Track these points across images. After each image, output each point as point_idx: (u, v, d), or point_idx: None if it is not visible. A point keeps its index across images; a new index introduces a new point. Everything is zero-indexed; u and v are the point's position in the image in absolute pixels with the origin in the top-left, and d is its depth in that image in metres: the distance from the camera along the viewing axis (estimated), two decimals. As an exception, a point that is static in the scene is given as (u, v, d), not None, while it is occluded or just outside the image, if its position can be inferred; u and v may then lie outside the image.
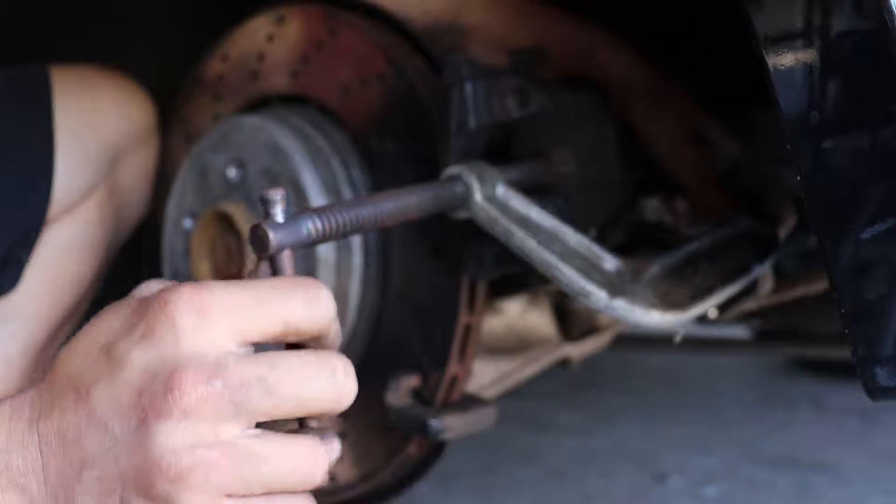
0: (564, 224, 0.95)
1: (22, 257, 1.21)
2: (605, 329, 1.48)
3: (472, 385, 1.20)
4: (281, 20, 1.19)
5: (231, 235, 1.12)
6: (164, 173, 1.33)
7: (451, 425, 1.07)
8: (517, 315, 1.37)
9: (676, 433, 2.42)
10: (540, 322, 1.39)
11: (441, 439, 1.08)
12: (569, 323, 1.44)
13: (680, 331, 1.39)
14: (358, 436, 1.14)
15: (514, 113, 0.99)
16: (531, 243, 0.94)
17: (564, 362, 1.44)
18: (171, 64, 1.34)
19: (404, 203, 0.84)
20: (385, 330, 1.12)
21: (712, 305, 0.99)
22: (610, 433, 2.43)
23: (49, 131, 1.21)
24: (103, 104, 1.28)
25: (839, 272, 0.76)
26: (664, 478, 2.11)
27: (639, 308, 0.92)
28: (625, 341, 1.64)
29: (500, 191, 0.95)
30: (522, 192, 0.97)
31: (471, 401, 1.12)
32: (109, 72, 1.31)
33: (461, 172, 0.95)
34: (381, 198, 0.82)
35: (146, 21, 1.43)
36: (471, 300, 1.07)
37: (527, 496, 2.02)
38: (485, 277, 1.04)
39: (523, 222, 0.95)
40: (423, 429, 1.06)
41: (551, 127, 1.05)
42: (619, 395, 2.76)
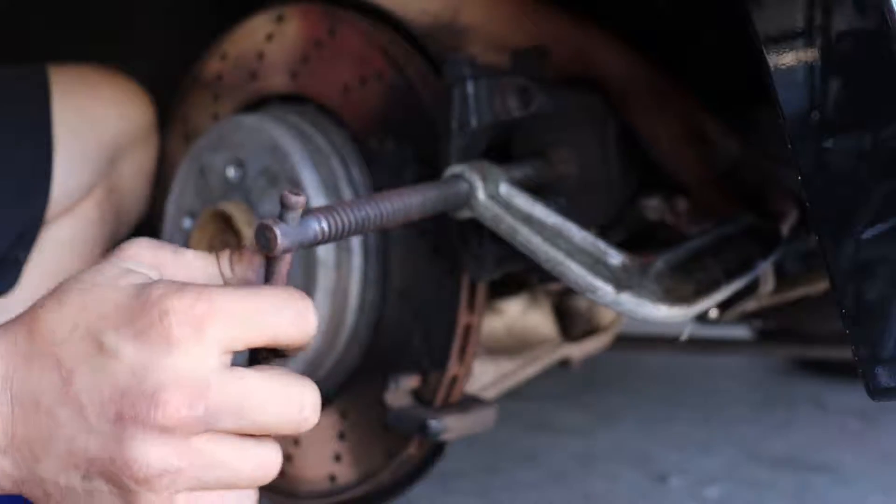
0: (568, 220, 0.95)
1: (21, 257, 1.20)
2: (606, 329, 1.48)
3: (473, 385, 1.20)
4: (280, 19, 1.18)
5: (230, 235, 1.12)
6: (163, 173, 1.33)
7: (451, 426, 1.06)
8: (517, 315, 1.37)
9: (677, 433, 2.42)
10: (540, 322, 1.39)
11: (441, 440, 1.08)
12: (569, 323, 1.44)
13: (686, 329, 1.39)
14: (358, 436, 1.14)
15: (516, 112, 0.99)
16: (536, 240, 0.93)
17: (565, 363, 1.44)
18: (171, 64, 1.34)
19: (409, 203, 0.83)
20: (385, 330, 1.11)
21: (718, 300, 0.98)
22: (610, 433, 2.43)
23: (48, 131, 1.21)
24: (102, 104, 1.28)
25: (840, 272, 0.76)
26: (665, 478, 2.11)
27: (646, 302, 0.92)
28: (625, 341, 1.64)
29: (504, 189, 0.95)
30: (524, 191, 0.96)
31: (471, 401, 1.12)
32: (108, 71, 1.31)
33: (464, 171, 0.95)
34: (386, 198, 0.81)
35: (146, 21, 1.43)
36: (471, 300, 1.06)
37: (527, 497, 2.02)
38: (485, 278, 1.03)
39: (527, 220, 0.94)
40: (423, 429, 1.06)
41: (552, 127, 1.04)
42: (620, 396, 2.76)
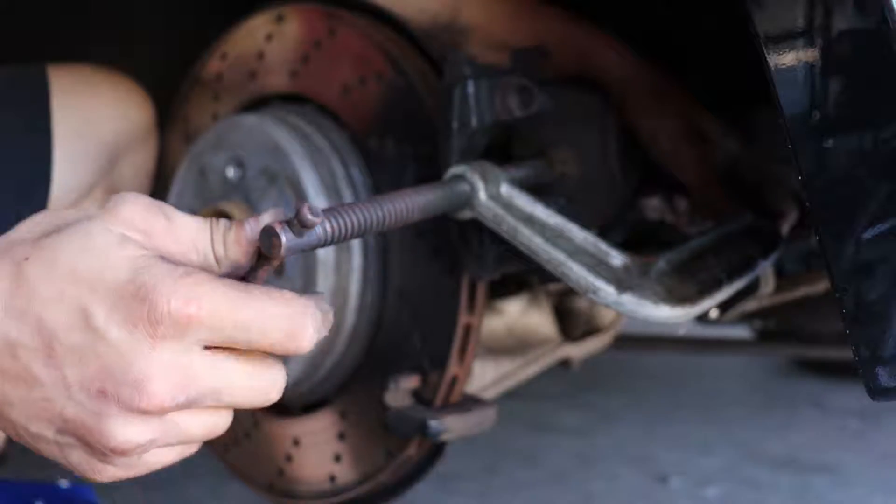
0: (569, 221, 0.95)
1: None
2: (606, 329, 1.48)
3: (473, 386, 1.20)
4: (280, 19, 1.18)
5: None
6: (163, 173, 1.33)
7: (451, 426, 1.06)
8: (517, 315, 1.36)
9: (677, 434, 2.42)
10: (540, 322, 1.39)
11: (441, 440, 1.08)
12: (569, 323, 1.44)
13: (684, 325, 1.38)
14: (358, 436, 1.14)
15: (517, 112, 0.98)
16: (537, 240, 0.93)
17: (565, 363, 1.44)
18: (171, 64, 1.34)
19: (411, 204, 0.83)
20: (385, 330, 1.11)
21: (720, 300, 0.98)
22: (610, 434, 2.43)
23: (48, 131, 1.21)
24: (102, 103, 1.28)
25: (840, 272, 0.75)
26: (665, 478, 2.11)
27: (647, 303, 0.92)
28: (625, 341, 1.64)
29: (505, 189, 0.94)
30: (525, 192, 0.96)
31: (471, 401, 1.11)
32: (108, 71, 1.31)
33: (465, 172, 0.94)
34: (387, 199, 0.81)
35: (146, 21, 1.42)
36: (471, 300, 1.06)
37: (527, 497, 2.02)
38: (486, 278, 1.03)
39: (528, 220, 0.94)
40: (423, 430, 1.06)
41: (552, 127, 1.04)
42: (620, 396, 2.76)
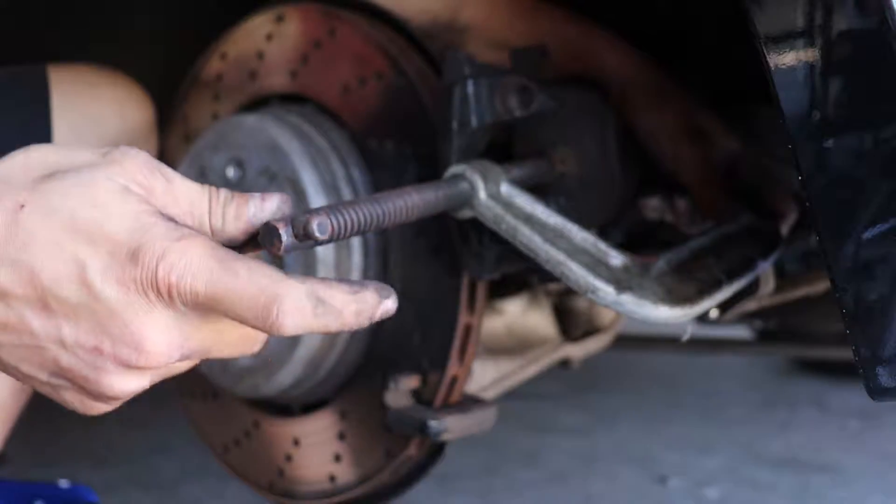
0: (569, 221, 0.94)
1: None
2: (606, 329, 1.48)
3: (473, 386, 1.20)
4: (280, 19, 1.18)
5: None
6: (163, 173, 1.33)
7: (451, 426, 1.06)
8: (517, 315, 1.36)
9: (677, 434, 2.42)
10: (540, 322, 1.39)
11: (441, 440, 1.08)
12: (569, 323, 1.44)
13: (687, 330, 1.38)
14: (358, 436, 1.14)
15: (517, 112, 0.98)
16: (537, 240, 0.93)
17: (565, 363, 1.44)
18: (171, 64, 1.34)
19: (410, 202, 0.83)
20: (385, 330, 1.11)
21: (720, 300, 0.98)
22: (610, 434, 2.43)
23: (47, 131, 1.21)
24: (102, 103, 1.28)
25: (840, 272, 0.75)
26: (665, 479, 2.11)
27: (646, 303, 0.91)
28: (625, 341, 1.64)
29: (505, 189, 0.94)
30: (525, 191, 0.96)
31: (471, 401, 1.11)
32: (108, 71, 1.31)
33: (465, 171, 0.94)
34: (388, 197, 0.81)
35: (146, 21, 1.42)
36: (471, 300, 1.06)
37: (527, 497, 2.02)
38: (486, 277, 1.03)
39: (528, 220, 0.94)
40: (423, 430, 1.05)
41: (552, 126, 1.04)
42: (620, 396, 2.76)
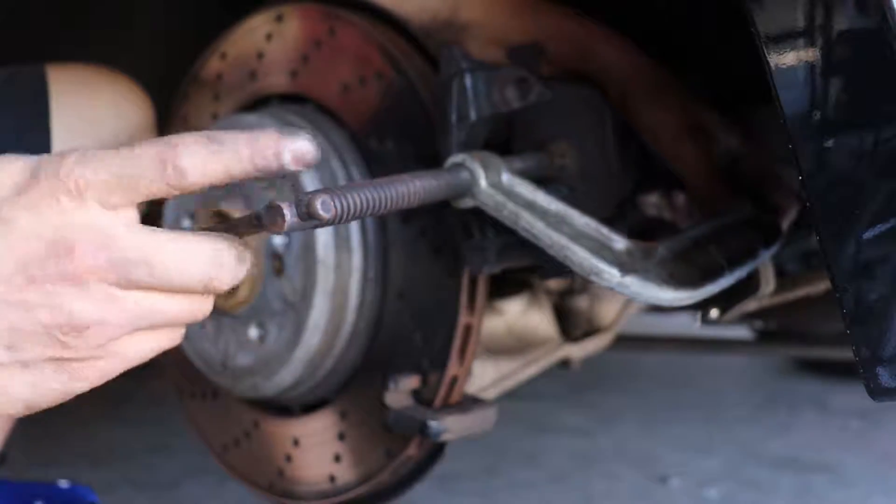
0: (571, 207, 0.94)
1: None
2: (606, 329, 1.48)
3: (473, 386, 1.20)
4: (280, 19, 1.18)
5: (230, 235, 1.12)
6: (163, 173, 1.33)
7: (451, 426, 1.06)
8: (517, 315, 1.36)
9: (677, 434, 2.42)
10: (540, 322, 1.39)
11: (441, 440, 1.08)
12: (569, 323, 1.44)
13: (694, 320, 1.37)
14: (358, 437, 1.13)
15: (515, 104, 0.98)
16: (540, 225, 0.93)
17: (565, 363, 1.44)
18: (171, 64, 1.34)
19: (411, 189, 0.82)
20: (385, 330, 1.11)
21: (722, 286, 0.98)
22: (611, 434, 2.43)
23: (46, 130, 1.21)
24: (101, 103, 1.28)
25: (841, 272, 0.75)
26: (665, 479, 2.11)
27: (651, 285, 0.91)
28: (625, 341, 1.64)
29: (506, 177, 0.94)
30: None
31: (471, 402, 1.11)
32: (107, 71, 1.31)
33: (465, 160, 0.94)
34: (389, 183, 0.80)
35: (146, 21, 1.42)
36: (471, 300, 1.06)
37: (528, 498, 2.02)
38: (487, 270, 1.03)
39: (530, 206, 0.94)
40: (423, 430, 1.05)
41: (551, 121, 1.04)
42: (620, 396, 2.76)
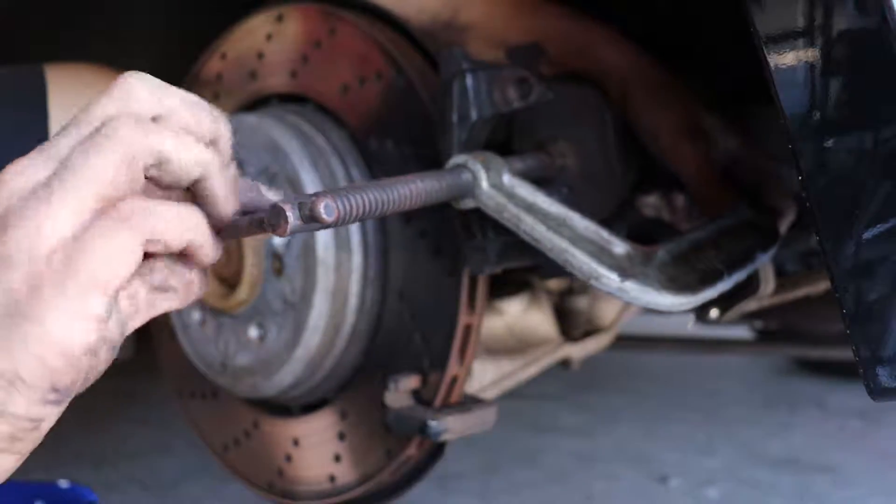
0: (571, 209, 0.94)
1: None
2: (606, 329, 1.48)
3: (473, 386, 1.20)
4: (280, 19, 1.18)
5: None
6: (163, 173, 1.33)
7: (451, 426, 1.06)
8: (517, 315, 1.36)
9: (677, 434, 2.42)
10: (540, 322, 1.39)
11: (441, 440, 1.08)
12: (569, 323, 1.44)
13: (690, 320, 1.37)
14: (358, 437, 1.14)
15: (515, 103, 0.98)
16: (540, 228, 0.93)
17: (565, 363, 1.44)
18: (171, 64, 1.33)
19: (413, 190, 0.82)
20: (385, 330, 1.11)
21: (721, 290, 0.98)
22: (610, 434, 2.43)
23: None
24: (100, 103, 1.28)
25: (841, 272, 0.75)
26: (665, 479, 2.11)
27: (650, 290, 0.91)
28: (625, 341, 1.64)
29: (507, 178, 0.94)
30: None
31: (471, 401, 1.11)
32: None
33: (467, 161, 0.94)
34: (391, 184, 0.80)
35: (146, 21, 1.42)
36: (471, 300, 1.06)
37: (527, 497, 2.02)
38: (487, 271, 1.03)
39: (531, 209, 0.94)
40: (423, 430, 1.05)
41: (551, 121, 1.04)
42: (620, 396, 2.77)
